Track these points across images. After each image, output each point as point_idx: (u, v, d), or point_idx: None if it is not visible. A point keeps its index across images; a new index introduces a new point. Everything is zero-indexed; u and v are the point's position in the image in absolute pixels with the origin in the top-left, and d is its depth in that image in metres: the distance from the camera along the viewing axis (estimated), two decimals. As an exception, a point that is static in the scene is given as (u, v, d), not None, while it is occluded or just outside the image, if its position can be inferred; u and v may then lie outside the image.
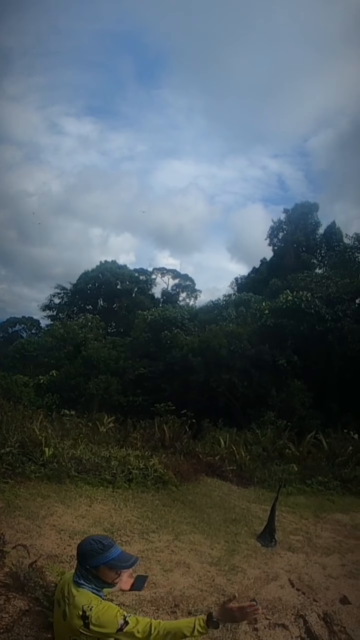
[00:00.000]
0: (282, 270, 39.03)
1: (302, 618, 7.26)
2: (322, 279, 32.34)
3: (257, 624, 6.84)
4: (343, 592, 8.39)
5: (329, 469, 17.29)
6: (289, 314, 27.12)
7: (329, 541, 11.15)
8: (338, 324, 26.46)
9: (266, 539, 10.55)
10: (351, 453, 18.60)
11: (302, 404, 24.73)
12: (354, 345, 25.74)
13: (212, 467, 16.10)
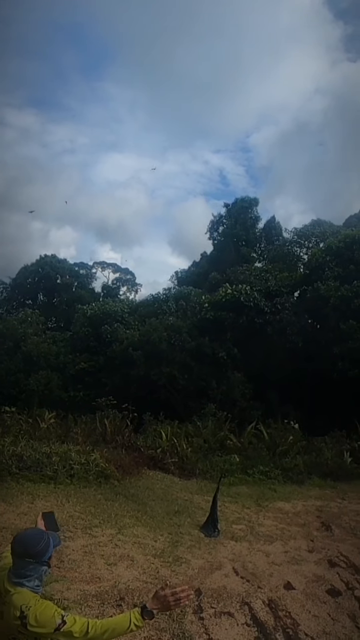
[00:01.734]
0: (222, 264, 39.34)
1: (247, 605, 7.32)
2: (262, 272, 32.77)
3: (203, 613, 6.86)
4: (287, 578, 8.52)
5: (269, 459, 17.57)
6: (228, 307, 27.35)
7: (271, 529, 11.31)
8: (277, 316, 26.88)
9: (209, 529, 10.61)
10: (291, 442, 18.98)
11: (243, 396, 25.02)
12: (293, 337, 26.22)
13: (154, 460, 16.11)
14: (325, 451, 18.60)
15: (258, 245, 46.33)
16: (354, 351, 23.61)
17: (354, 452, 18.91)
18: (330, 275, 26.67)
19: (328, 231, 37.97)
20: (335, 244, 28.18)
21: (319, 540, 10.81)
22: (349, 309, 24.77)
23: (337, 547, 10.39)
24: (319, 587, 8.30)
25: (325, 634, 6.74)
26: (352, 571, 9.13)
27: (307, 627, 6.88)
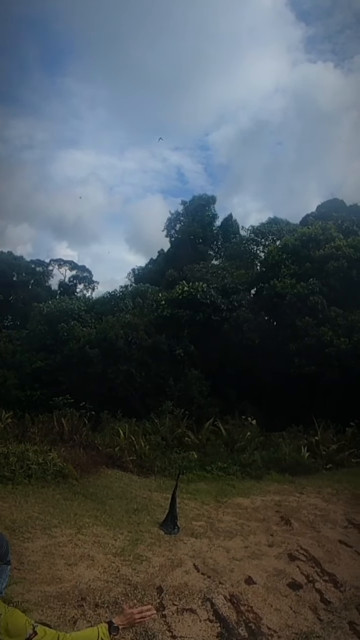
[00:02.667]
0: (179, 262, 39.26)
1: (209, 601, 7.31)
2: (218, 269, 32.89)
3: (165, 611, 6.81)
4: (248, 573, 8.56)
5: (228, 455, 17.65)
6: (185, 305, 27.32)
7: (231, 525, 11.35)
8: (233, 313, 26.99)
9: (169, 527, 10.57)
10: (249, 438, 19.12)
11: (200, 393, 25.05)
12: (250, 334, 26.38)
13: (112, 459, 16.00)
14: (283, 446, 18.77)
15: (215, 242, 46.51)
16: (310, 348, 23.90)
17: (311, 446, 19.16)
18: (286, 273, 26.91)
19: (285, 229, 38.25)
20: (291, 242, 28.47)
21: (278, 535, 10.90)
22: (305, 306, 25.06)
23: (296, 541, 10.50)
24: (280, 581, 8.36)
25: (288, 627, 6.78)
26: (312, 564, 9.23)
27: (269, 620, 6.91)
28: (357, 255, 25.58)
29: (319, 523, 11.99)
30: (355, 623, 6.98)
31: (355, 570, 9.05)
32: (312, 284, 25.30)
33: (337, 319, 24.54)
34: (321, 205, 43.57)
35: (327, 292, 25.43)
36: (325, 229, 28.21)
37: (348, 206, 41.84)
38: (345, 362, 23.45)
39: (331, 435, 20.48)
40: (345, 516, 12.68)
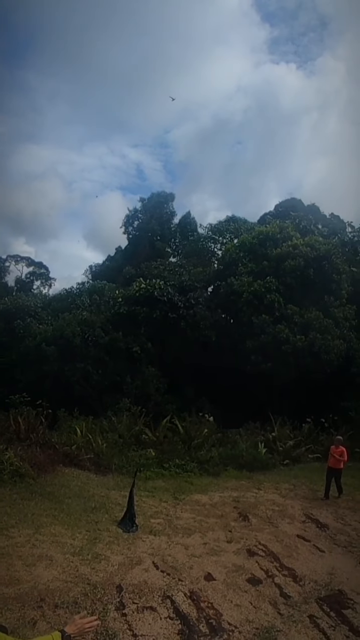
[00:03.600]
0: (137, 259, 39.14)
1: (169, 599, 7.28)
2: (176, 267, 32.92)
3: (125, 609, 6.76)
4: (207, 569, 8.57)
5: (185, 452, 17.68)
6: (142, 302, 27.22)
7: (189, 522, 11.35)
8: (190, 311, 27.03)
9: (127, 525, 10.51)
10: (206, 435, 19.17)
11: (157, 390, 25.01)
12: (206, 332, 26.47)
13: (70, 457, 15.81)
14: (240, 443, 18.91)
15: (173, 240, 46.47)
16: (266, 345, 24.11)
17: (268, 443, 19.38)
18: (243, 271, 27.07)
19: (242, 227, 38.46)
20: (249, 240, 28.66)
21: (237, 531, 10.96)
22: (261, 304, 25.26)
23: (255, 537, 10.57)
24: (239, 577, 8.40)
25: (248, 622, 6.80)
26: (271, 559, 9.31)
27: (229, 616, 6.93)
28: (313, 254, 25.92)
29: (277, 518, 12.12)
30: (315, 616, 7.06)
31: (314, 565, 9.17)
32: (269, 282, 25.51)
33: (294, 316, 24.82)
34: (279, 204, 43.98)
35: (283, 290, 25.68)
36: (282, 227, 28.51)
37: (306, 206, 42.35)
38: (301, 360, 23.77)
39: (288, 431, 20.77)
40: (302, 511, 12.85)
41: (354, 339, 25.84)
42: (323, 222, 42.08)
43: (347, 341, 25.25)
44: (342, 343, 24.76)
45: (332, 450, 14.77)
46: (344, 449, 14.72)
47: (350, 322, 26.24)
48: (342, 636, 6.53)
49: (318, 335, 23.96)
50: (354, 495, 14.86)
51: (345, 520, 12.34)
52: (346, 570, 8.99)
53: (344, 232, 43.20)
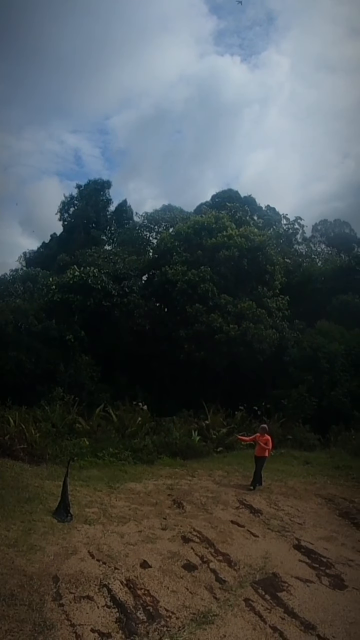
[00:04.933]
0: (72, 246, 38.50)
1: (105, 587, 7.27)
2: (110, 255, 32.62)
3: (62, 600, 6.70)
4: (142, 557, 8.60)
5: (119, 441, 17.64)
6: (76, 290, 26.85)
7: (124, 510, 11.34)
8: (124, 299, 26.90)
9: (62, 515, 10.40)
10: (140, 424, 19.19)
11: (91, 379, 24.77)
12: (140, 320, 26.41)
13: (2, 447, 15.50)
14: (174, 431, 19.02)
15: (108, 228, 45.95)
16: (199, 334, 24.31)
17: (201, 430, 19.59)
18: (178, 260, 27.12)
19: (178, 217, 38.52)
20: (184, 229, 28.71)
21: (171, 518, 11.03)
22: (195, 293, 25.41)
23: (189, 523, 10.67)
24: (175, 563, 8.46)
25: (185, 607, 6.86)
26: (206, 545, 9.42)
27: (166, 602, 6.97)
28: (248, 244, 26.25)
29: (211, 505, 12.28)
30: (250, 600, 7.20)
31: (248, 549, 9.35)
32: (203, 272, 25.67)
33: (227, 306, 25.10)
34: (216, 195, 44.28)
35: (217, 280, 25.91)
36: (218, 218, 28.67)
37: (242, 197, 42.85)
38: (235, 348, 24.10)
39: (221, 419, 21.05)
40: (236, 497, 13.07)
41: (287, 329, 26.46)
42: (259, 213, 42.82)
43: (280, 331, 25.81)
44: (275, 332, 25.27)
45: (257, 438, 14.83)
46: (269, 437, 14.77)
47: (283, 312, 26.82)
48: (278, 618, 6.69)
49: (251, 325, 24.34)
50: (286, 481, 15.23)
51: (278, 506, 12.64)
52: (280, 554, 9.22)
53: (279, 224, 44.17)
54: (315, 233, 50.26)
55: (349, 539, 10.47)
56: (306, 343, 25.64)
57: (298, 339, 26.64)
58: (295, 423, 21.80)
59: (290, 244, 43.46)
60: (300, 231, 46.82)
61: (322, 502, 13.29)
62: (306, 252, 43.45)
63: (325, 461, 18.33)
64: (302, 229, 46.93)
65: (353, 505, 13.09)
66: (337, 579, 8.18)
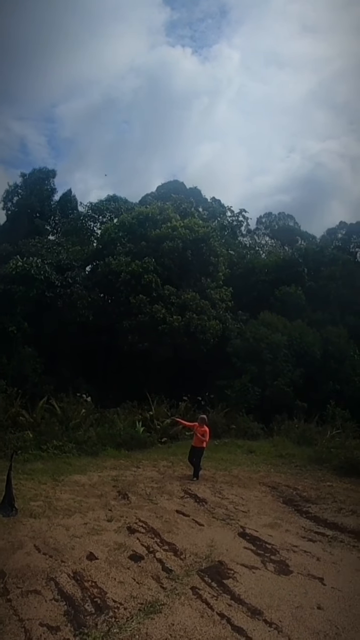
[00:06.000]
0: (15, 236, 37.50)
1: (53, 581, 7.24)
2: (54, 245, 32.16)
3: (10, 595, 6.63)
4: (89, 549, 8.59)
5: (63, 433, 17.46)
6: (18, 280, 26.36)
7: (69, 502, 11.26)
8: (68, 290, 26.60)
9: (6, 509, 10.25)
10: (84, 415, 19.08)
11: (34, 371, 24.43)
12: (84, 311, 26.19)
13: None
14: (118, 422, 19.06)
15: (53, 217, 44.94)
16: (143, 324, 24.36)
17: (145, 421, 19.67)
18: (122, 251, 27.06)
19: (123, 207, 38.21)
20: (128, 220, 28.64)
21: (117, 509, 11.03)
22: (139, 284, 25.42)
23: (135, 514, 10.71)
24: (121, 554, 8.49)
25: (133, 597, 6.91)
26: (152, 535, 9.49)
27: (114, 594, 6.99)
28: (192, 236, 26.43)
29: (156, 495, 12.36)
30: (197, 588, 7.30)
31: (194, 538, 9.46)
32: (147, 263, 25.70)
33: (171, 297, 25.24)
34: (161, 186, 44.26)
35: (161, 271, 26.00)
36: (162, 209, 28.73)
37: (188, 189, 43.01)
38: (178, 339, 24.28)
39: (165, 409, 21.19)
40: (181, 487, 13.20)
41: (230, 320, 26.82)
42: (204, 205, 43.01)
43: (223, 322, 26.15)
44: (218, 323, 25.59)
45: (195, 429, 14.83)
46: (207, 428, 14.78)
47: (227, 304, 27.18)
48: (225, 605, 6.81)
49: (194, 316, 24.58)
50: (230, 470, 15.49)
51: (223, 494, 12.83)
52: (225, 542, 9.36)
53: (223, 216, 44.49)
54: (259, 225, 51.11)
55: (292, 526, 10.75)
56: (249, 334, 26.03)
57: (241, 329, 27.03)
58: (239, 413, 22.18)
59: (235, 236, 43.92)
60: (245, 223, 47.46)
61: (266, 490, 13.60)
62: (250, 244, 44.13)
63: (268, 450, 18.74)
64: (247, 221, 47.59)
65: (296, 493, 13.46)
66: (282, 565, 8.39)
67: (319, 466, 16.70)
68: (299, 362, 25.50)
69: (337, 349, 26.81)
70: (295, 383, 24.66)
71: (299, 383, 24.80)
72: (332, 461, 16.71)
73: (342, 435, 19.75)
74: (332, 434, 19.84)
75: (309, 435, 20.21)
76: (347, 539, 10.02)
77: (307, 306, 30.36)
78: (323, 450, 17.75)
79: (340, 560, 8.75)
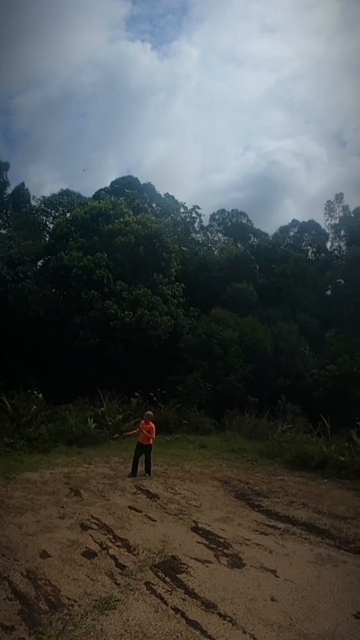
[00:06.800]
0: (-36, 229, 36.95)
1: (6, 580, 7.14)
2: (5, 239, 31.55)
3: None
4: (42, 547, 8.50)
5: (14, 430, 17.24)
6: (-32, 275, 25.86)
7: (21, 500, 11.13)
8: (19, 285, 26.18)
9: None
10: (35, 412, 18.84)
11: (-17, 367, 24.03)
12: (35, 306, 25.85)
13: None
14: (70, 419, 18.91)
15: (5, 211, 44.08)
16: (95, 320, 24.24)
17: (97, 417, 19.59)
18: (74, 246, 26.80)
19: (76, 202, 37.93)
20: (81, 214, 28.36)
21: (69, 506, 10.95)
22: (91, 279, 25.25)
23: (87, 511, 10.66)
24: (75, 551, 8.44)
25: (87, 594, 6.88)
26: (105, 531, 9.46)
27: (68, 591, 6.95)
28: (145, 231, 26.42)
29: (109, 491, 12.33)
30: (151, 583, 7.32)
31: (147, 534, 9.47)
32: (99, 258, 25.57)
33: (122, 293, 25.20)
34: (115, 181, 43.92)
35: (113, 266, 25.91)
36: (116, 204, 28.59)
37: (142, 184, 42.89)
38: (130, 335, 24.27)
39: (117, 405, 21.15)
40: (133, 483, 13.21)
41: (182, 316, 26.95)
42: (158, 201, 43.00)
43: (175, 318, 26.26)
44: (170, 319, 25.68)
45: (141, 426, 14.68)
46: (153, 425, 14.67)
47: (179, 299, 27.29)
48: (179, 599, 6.85)
49: (146, 312, 24.61)
50: (182, 465, 15.60)
51: (175, 490, 12.89)
52: (178, 536, 9.40)
53: (177, 213, 44.61)
54: (212, 222, 51.50)
55: (245, 519, 10.88)
56: (201, 330, 26.23)
57: (193, 325, 27.22)
58: (191, 408, 22.37)
59: (188, 233, 44.11)
60: (198, 220, 47.77)
61: (218, 485, 13.74)
62: (203, 241, 44.35)
63: (220, 445, 18.95)
64: (200, 218, 47.93)
65: (248, 487, 13.65)
66: (235, 558, 8.49)
67: (271, 460, 17.02)
68: (250, 357, 25.85)
69: (288, 345, 27.32)
70: (247, 378, 24.99)
71: (250, 378, 25.13)
72: (284, 455, 17.05)
73: (293, 429, 20.16)
74: (283, 428, 20.20)
75: (260, 430, 20.55)
76: (298, 531, 10.22)
77: (258, 303, 30.78)
78: (274, 444, 18.10)
79: (293, 553, 8.91)
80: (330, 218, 47.92)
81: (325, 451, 16.24)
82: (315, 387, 25.27)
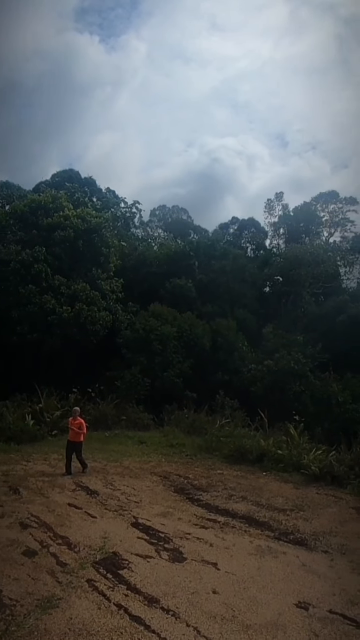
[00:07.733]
0: None
1: None
2: None
3: None
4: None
5: None
6: None
7: None
8: None
9: None
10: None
11: None
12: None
13: None
14: (7, 415, 18.66)
15: None
16: (33, 315, 23.85)
17: (35, 414, 19.33)
18: (12, 239, 26.23)
19: (15, 194, 37.17)
20: (20, 208, 27.74)
21: (8, 505, 10.84)
22: (29, 274, 24.80)
23: (27, 509, 10.57)
24: (14, 550, 8.38)
25: (29, 594, 6.85)
26: (45, 529, 9.42)
27: (9, 591, 6.91)
28: (84, 226, 26.17)
29: (48, 489, 12.26)
30: (93, 580, 7.34)
31: (87, 531, 9.49)
32: (38, 252, 25.13)
33: (61, 287, 24.90)
34: (56, 174, 43.16)
35: (52, 260, 25.53)
36: (56, 197, 28.12)
37: (83, 178, 42.28)
38: (68, 330, 24.05)
39: (55, 401, 20.95)
40: (72, 480, 13.17)
41: (120, 311, 26.89)
42: (98, 195, 42.55)
43: (113, 313, 26.20)
44: (108, 315, 25.60)
45: (69, 423, 14.49)
46: (82, 421, 14.53)
47: (117, 295, 27.21)
48: (121, 595, 6.91)
49: (84, 307, 24.43)
50: (121, 461, 15.65)
51: (115, 486, 12.93)
52: (118, 532, 9.46)
53: (117, 207, 44.34)
54: (153, 218, 51.50)
55: (184, 514, 11.03)
56: (139, 325, 26.23)
57: (131, 321, 27.17)
58: (129, 404, 22.37)
59: (128, 228, 43.97)
60: (138, 215, 47.66)
61: (157, 480, 13.86)
62: (143, 236, 44.35)
63: (159, 440, 19.08)
64: (140, 213, 47.80)
65: (187, 481, 13.83)
66: (176, 553, 8.61)
67: (209, 455, 17.29)
68: (188, 353, 26.03)
69: (226, 341, 27.66)
70: (185, 374, 25.17)
71: (189, 374, 25.33)
72: (222, 450, 17.34)
73: (231, 424, 20.43)
74: (222, 423, 20.43)
75: (199, 425, 20.79)
76: (238, 524, 10.46)
77: (197, 298, 30.98)
78: (213, 439, 18.35)
79: (233, 545, 9.12)
80: (269, 216, 48.66)
81: (263, 445, 16.62)
82: (253, 382, 25.64)
